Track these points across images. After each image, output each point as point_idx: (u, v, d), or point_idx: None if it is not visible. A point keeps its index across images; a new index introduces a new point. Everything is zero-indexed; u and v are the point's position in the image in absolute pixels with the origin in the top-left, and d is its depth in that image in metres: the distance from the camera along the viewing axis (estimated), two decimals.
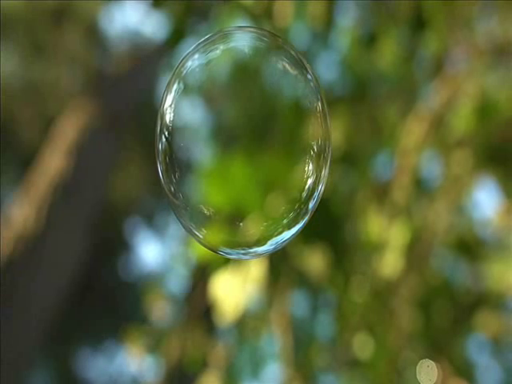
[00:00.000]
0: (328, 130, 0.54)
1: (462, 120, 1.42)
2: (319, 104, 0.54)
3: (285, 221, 0.54)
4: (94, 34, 4.61)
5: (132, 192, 5.91)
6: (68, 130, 3.46)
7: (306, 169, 0.53)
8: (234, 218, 0.55)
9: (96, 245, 4.34)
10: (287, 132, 0.54)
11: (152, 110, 4.95)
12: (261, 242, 0.54)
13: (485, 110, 1.36)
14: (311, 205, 0.54)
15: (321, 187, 0.54)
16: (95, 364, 6.45)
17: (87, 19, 4.58)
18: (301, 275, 1.69)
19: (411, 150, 1.62)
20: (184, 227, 0.55)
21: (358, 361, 1.85)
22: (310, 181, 0.54)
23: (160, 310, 3.10)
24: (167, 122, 0.52)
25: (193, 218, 0.54)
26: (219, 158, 0.55)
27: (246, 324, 2.08)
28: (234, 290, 1.46)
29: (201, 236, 0.55)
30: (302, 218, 0.54)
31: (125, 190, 5.73)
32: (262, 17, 1.29)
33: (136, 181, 5.82)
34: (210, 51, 0.54)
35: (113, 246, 6.12)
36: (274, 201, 0.58)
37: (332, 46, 1.64)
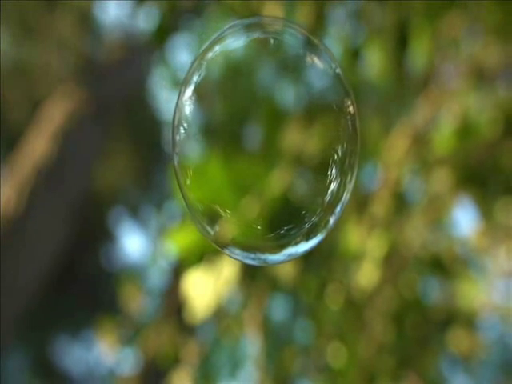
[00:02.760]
0: (356, 133, 0.50)
1: (444, 139, 1.42)
2: (349, 102, 0.50)
3: (304, 228, 0.50)
4: (87, 21, 4.57)
5: (118, 182, 5.88)
6: (55, 115, 3.43)
7: (329, 173, 0.49)
8: (251, 220, 0.53)
9: (79, 233, 4.31)
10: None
11: (142, 101, 4.93)
12: (275, 249, 0.51)
13: (466, 131, 1.36)
14: (335, 213, 0.50)
15: (345, 196, 0.50)
16: (72, 352, 6.42)
17: (81, 5, 4.54)
18: (273, 279, 1.69)
19: (394, 164, 1.61)
20: (195, 221, 0.53)
21: (330, 368, 1.85)
22: (332, 186, 0.49)
23: (137, 303, 3.09)
24: (187, 113, 0.50)
25: (205, 213, 0.52)
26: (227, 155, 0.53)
27: (222, 323, 2.08)
28: (206, 289, 1.46)
29: (211, 232, 0.52)
30: (323, 230, 0.51)
31: (111, 179, 5.70)
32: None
33: (123, 171, 5.79)
34: (231, 43, 0.51)
35: (96, 235, 6.09)
36: (294, 207, 0.55)
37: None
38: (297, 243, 0.51)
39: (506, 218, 1.72)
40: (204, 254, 1.44)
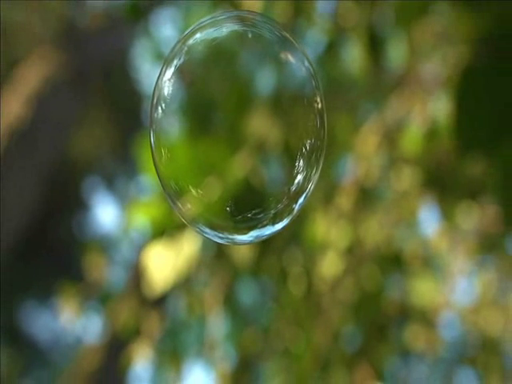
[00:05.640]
0: (323, 130, 0.53)
1: (411, 140, 1.44)
2: (317, 98, 0.53)
3: (270, 214, 0.53)
4: None
5: (94, 152, 5.81)
6: (30, 78, 3.35)
7: (297, 164, 0.52)
8: (221, 201, 0.55)
9: (52, 200, 4.25)
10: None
11: (123, 71, 4.84)
12: (242, 230, 0.54)
13: (433, 134, 1.38)
14: (299, 202, 0.54)
15: (310, 187, 0.53)
16: (39, 319, 6.39)
17: None
18: (233, 261, 1.71)
19: (363, 158, 1.63)
20: (167, 197, 0.55)
21: (287, 351, 1.88)
22: (299, 177, 0.53)
23: (102, 273, 3.08)
24: (165, 93, 0.53)
25: (177, 190, 0.54)
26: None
27: (185, 301, 2.09)
28: (165, 263, 1.46)
29: (182, 209, 0.54)
30: (288, 216, 0.54)
31: (88, 148, 5.63)
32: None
33: (100, 141, 5.72)
34: (213, 31, 0.54)
35: (69, 203, 6.03)
36: (262, 193, 0.58)
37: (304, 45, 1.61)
38: (263, 226, 0.54)
39: (466, 221, 1.76)
40: (166, 229, 1.44)
